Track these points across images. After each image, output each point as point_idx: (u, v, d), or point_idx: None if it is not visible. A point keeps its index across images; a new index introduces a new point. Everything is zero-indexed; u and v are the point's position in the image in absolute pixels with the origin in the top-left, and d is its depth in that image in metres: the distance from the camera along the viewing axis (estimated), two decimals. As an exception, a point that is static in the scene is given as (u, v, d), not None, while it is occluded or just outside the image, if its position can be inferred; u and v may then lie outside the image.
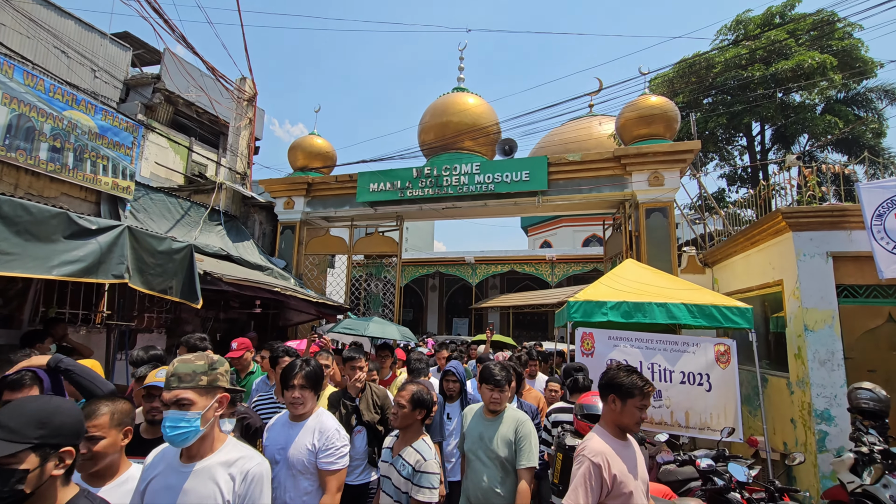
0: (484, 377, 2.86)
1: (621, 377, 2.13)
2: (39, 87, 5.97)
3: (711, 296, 5.31)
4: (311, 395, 2.45)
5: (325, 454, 2.35)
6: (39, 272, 3.63)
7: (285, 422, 2.51)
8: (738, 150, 15.93)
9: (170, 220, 7.70)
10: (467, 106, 9.88)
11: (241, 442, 1.86)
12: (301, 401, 2.42)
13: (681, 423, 4.83)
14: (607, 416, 2.19)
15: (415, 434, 2.53)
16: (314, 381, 2.47)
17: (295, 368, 2.46)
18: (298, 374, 2.44)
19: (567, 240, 23.18)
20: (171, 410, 1.61)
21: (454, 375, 3.72)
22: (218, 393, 1.72)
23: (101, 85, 10.71)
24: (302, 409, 2.43)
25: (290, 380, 2.42)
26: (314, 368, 2.49)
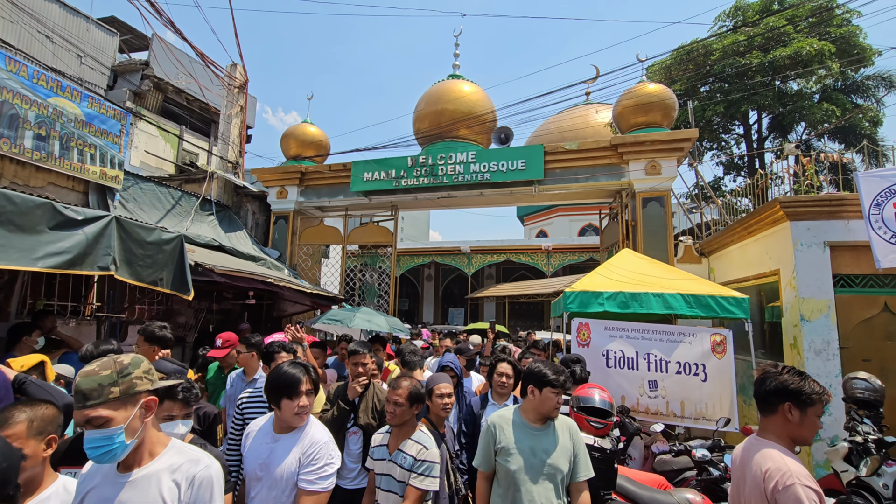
0: (545, 380, 2.32)
1: (799, 383, 1.81)
2: (23, 74, 5.80)
3: (708, 286, 5.28)
4: (312, 401, 2.21)
5: (307, 470, 2.06)
6: (23, 264, 3.54)
7: (268, 432, 2.19)
8: (734, 138, 15.87)
9: (160, 210, 7.57)
10: (463, 93, 9.74)
11: (187, 445, 1.68)
12: (308, 409, 2.16)
13: (676, 413, 4.84)
14: (781, 429, 1.83)
15: (409, 427, 2.50)
16: (316, 385, 2.26)
17: (297, 373, 2.18)
18: (306, 379, 2.17)
19: (563, 229, 23.16)
20: (89, 430, 1.41)
21: (452, 371, 3.59)
22: (140, 399, 1.50)
23: (88, 71, 10.47)
24: (305, 418, 2.18)
25: (295, 386, 2.12)
26: (315, 373, 2.29)
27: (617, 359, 5.00)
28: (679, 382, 4.86)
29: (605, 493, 2.65)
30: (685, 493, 3.27)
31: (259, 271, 7.01)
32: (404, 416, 2.45)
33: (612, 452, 2.64)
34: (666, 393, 4.87)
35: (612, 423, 2.82)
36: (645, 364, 4.93)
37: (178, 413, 2.09)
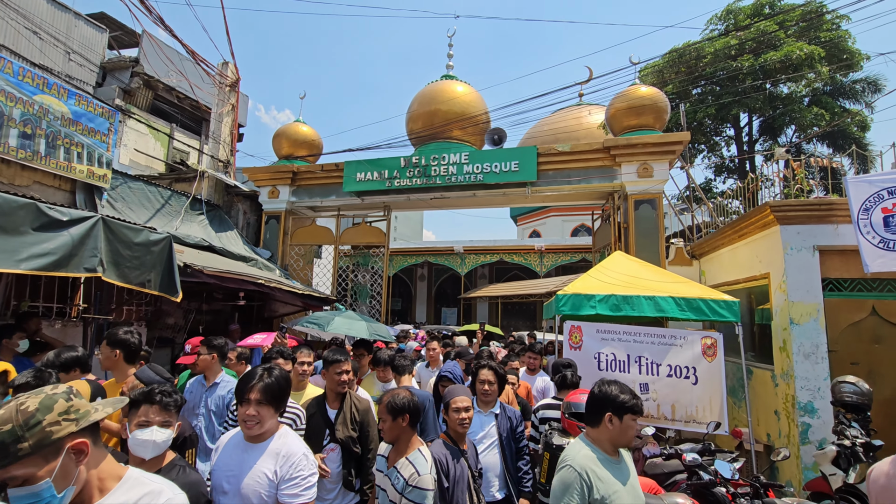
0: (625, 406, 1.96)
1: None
2: (7, 70, 5.69)
3: (699, 289, 5.31)
4: (270, 412, 2.02)
5: (289, 485, 1.95)
6: (6, 266, 3.47)
7: (238, 443, 2.06)
8: (725, 140, 16.00)
9: (149, 210, 7.48)
10: (456, 94, 9.72)
11: (148, 476, 1.47)
12: (257, 419, 1.97)
13: (667, 416, 4.85)
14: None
15: (406, 443, 2.32)
16: (276, 394, 2.04)
17: (252, 378, 2.04)
18: (256, 385, 2.00)
19: (556, 229, 23.21)
20: (10, 489, 1.19)
21: (451, 381, 3.44)
22: (64, 445, 1.23)
23: (76, 68, 10.32)
24: (258, 430, 1.99)
25: (244, 392, 1.99)
26: (277, 379, 2.06)
27: (608, 362, 5.00)
28: (670, 385, 4.87)
29: (595, 500, 2.64)
30: (676, 497, 3.27)
31: (250, 272, 6.94)
32: (393, 431, 2.30)
33: (604, 459, 2.62)
34: (657, 396, 4.88)
35: (604, 429, 2.81)
36: (636, 367, 4.94)
37: (155, 419, 1.92)
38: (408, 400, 2.33)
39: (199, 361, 3.62)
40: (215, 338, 3.67)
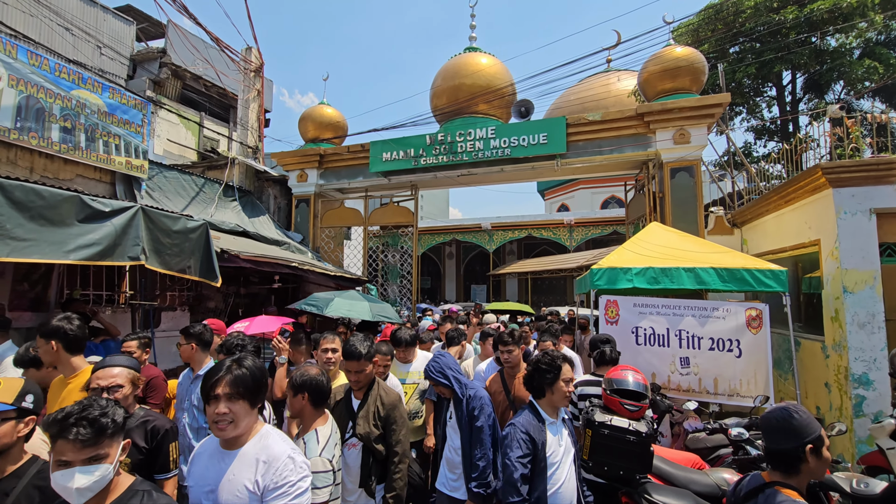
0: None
1: None
2: (45, 67, 5.86)
3: (742, 258, 5.08)
4: (246, 408, 1.71)
5: (275, 496, 1.66)
6: (56, 257, 3.63)
7: (215, 451, 1.76)
8: (766, 101, 15.09)
9: (185, 198, 7.68)
10: (480, 67, 9.46)
11: None
12: (229, 418, 1.66)
13: (709, 390, 4.73)
14: None
15: (309, 421, 2.27)
16: (250, 387, 1.72)
17: (219, 371, 1.73)
18: (224, 378, 1.69)
19: (585, 202, 22.72)
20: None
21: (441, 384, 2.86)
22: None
23: (107, 62, 10.56)
24: (232, 432, 1.67)
25: (211, 388, 1.69)
26: (249, 370, 1.75)
27: (647, 336, 4.89)
28: (712, 359, 4.73)
29: (640, 476, 2.61)
30: (722, 472, 3.20)
31: (283, 255, 7.08)
32: (294, 406, 2.26)
33: (648, 436, 2.58)
34: (698, 370, 4.75)
35: (647, 406, 2.76)
36: (676, 340, 4.81)
37: (76, 457, 1.40)
38: (308, 378, 2.24)
39: (181, 352, 3.39)
40: (193, 325, 3.41)
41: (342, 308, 5.42)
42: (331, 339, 3.33)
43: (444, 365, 2.86)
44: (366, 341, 2.65)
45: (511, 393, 3.31)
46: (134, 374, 2.30)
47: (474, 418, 2.72)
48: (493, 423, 2.77)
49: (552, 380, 2.34)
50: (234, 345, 3.26)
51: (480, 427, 2.69)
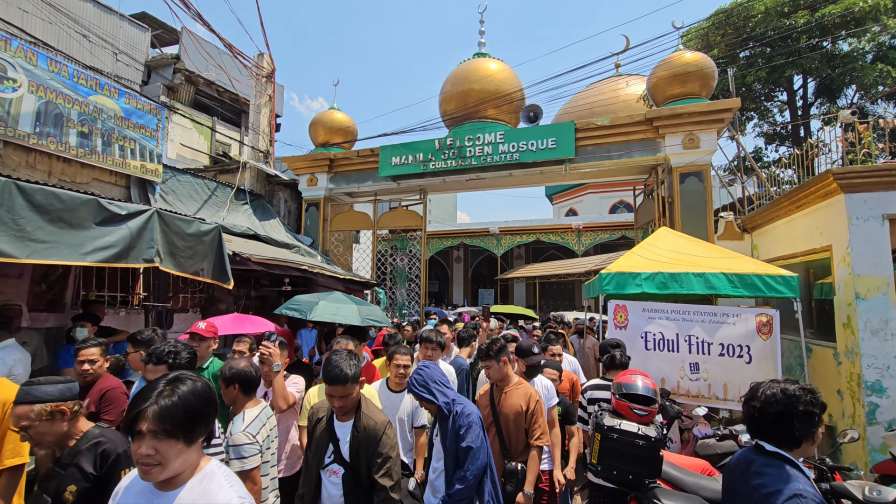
0: None
1: None
2: (63, 74, 6.00)
3: (753, 264, 5.06)
4: (177, 448, 1.34)
5: None
6: (73, 259, 3.71)
7: (144, 489, 1.41)
8: (777, 106, 14.99)
9: (198, 202, 7.79)
10: (489, 72, 9.52)
11: None
12: (156, 460, 1.30)
13: (719, 396, 4.70)
14: None
15: (240, 406, 2.55)
16: (182, 423, 1.35)
17: (144, 400, 1.34)
18: (147, 411, 1.31)
19: (594, 207, 22.65)
20: None
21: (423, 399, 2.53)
22: None
23: (123, 68, 10.76)
24: (160, 475, 1.32)
25: (132, 423, 1.32)
26: (183, 399, 1.37)
27: (656, 341, 4.87)
28: (722, 364, 4.71)
29: (650, 481, 2.61)
30: (732, 478, 3.18)
31: (293, 258, 7.16)
32: (228, 397, 2.53)
33: (657, 440, 2.58)
34: (708, 375, 4.73)
35: (656, 410, 2.76)
36: (686, 346, 4.79)
37: None
38: (237, 370, 2.51)
39: (130, 361, 3.16)
40: (142, 330, 3.22)
41: (328, 312, 4.93)
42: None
43: (427, 377, 2.49)
44: (351, 360, 2.30)
45: (497, 408, 3.05)
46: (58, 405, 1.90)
47: (460, 438, 2.40)
48: (483, 446, 2.43)
49: (817, 423, 1.67)
50: (164, 352, 2.63)
51: (467, 448, 2.38)
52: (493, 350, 3.05)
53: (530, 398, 3.00)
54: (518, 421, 2.96)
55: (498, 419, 3.01)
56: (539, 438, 2.92)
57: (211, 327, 3.63)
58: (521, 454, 2.97)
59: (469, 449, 2.38)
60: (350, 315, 4.94)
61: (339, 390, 2.25)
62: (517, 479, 2.87)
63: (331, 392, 2.27)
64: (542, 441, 2.93)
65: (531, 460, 2.90)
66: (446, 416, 2.47)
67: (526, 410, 2.95)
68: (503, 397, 3.06)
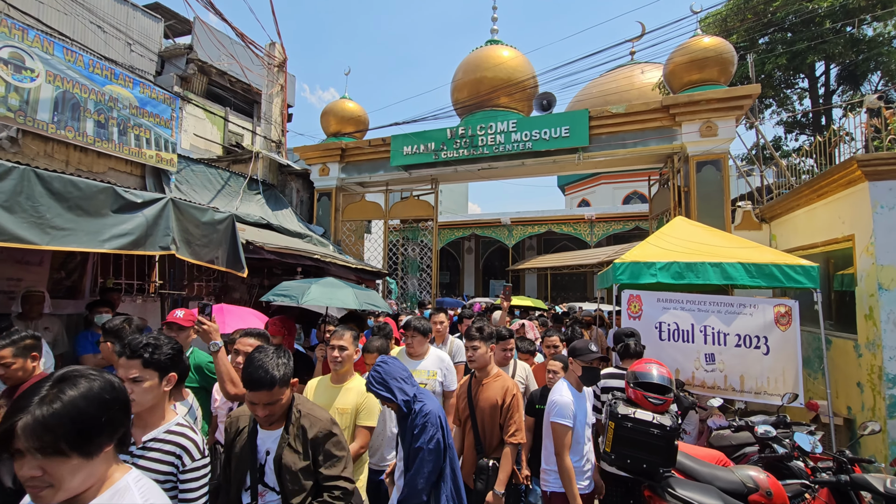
0: None
1: None
2: (79, 63, 6.05)
3: (771, 254, 4.95)
4: (72, 465, 1.11)
5: None
6: (92, 246, 3.76)
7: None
8: (797, 93, 14.59)
9: (211, 191, 7.86)
10: (502, 60, 9.39)
11: None
12: (46, 482, 1.08)
13: (735, 388, 4.64)
14: None
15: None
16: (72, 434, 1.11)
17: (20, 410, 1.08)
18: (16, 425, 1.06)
19: (607, 197, 22.41)
20: None
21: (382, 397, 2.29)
22: None
23: (137, 58, 10.84)
24: (53, 497, 1.10)
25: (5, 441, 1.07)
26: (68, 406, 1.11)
27: (671, 331, 4.81)
28: (738, 356, 4.64)
29: (664, 470, 2.58)
30: (748, 469, 3.14)
31: (306, 248, 7.20)
32: None
33: (672, 429, 2.55)
34: (724, 366, 4.67)
35: (672, 399, 2.73)
36: (701, 336, 4.73)
37: None
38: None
39: (102, 351, 2.96)
40: (112, 319, 3.06)
41: (321, 297, 4.50)
42: (339, 334, 2.79)
43: (385, 373, 2.25)
44: (280, 358, 1.91)
45: (474, 400, 2.88)
46: None
47: (413, 439, 2.21)
48: (437, 449, 2.21)
49: None
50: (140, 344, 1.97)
51: (418, 450, 2.18)
52: (485, 332, 2.89)
53: (507, 391, 2.82)
54: (493, 415, 2.80)
55: (474, 412, 2.86)
56: (514, 435, 2.74)
57: (190, 315, 3.27)
58: (496, 450, 2.80)
59: (419, 451, 2.17)
60: (346, 299, 4.54)
61: (264, 396, 1.83)
62: (487, 476, 2.71)
63: (253, 399, 1.84)
64: (517, 438, 2.75)
65: (504, 458, 2.72)
66: (406, 415, 2.26)
67: (502, 404, 2.78)
68: (481, 389, 2.89)
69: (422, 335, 3.40)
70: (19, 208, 3.36)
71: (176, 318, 3.28)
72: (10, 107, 5.33)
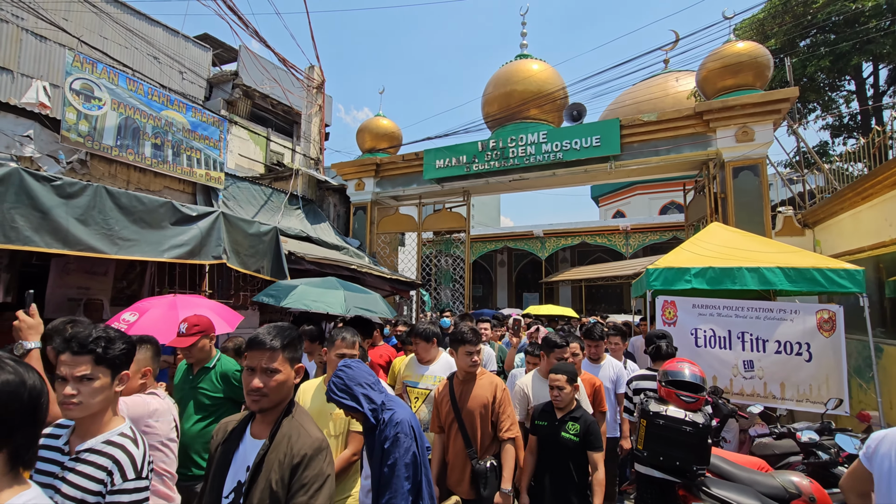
0: None
1: None
2: (139, 91, 6.62)
3: (813, 258, 4.82)
4: None
5: None
6: (154, 255, 4.12)
7: None
8: (843, 96, 14.02)
9: (255, 207, 8.32)
10: (531, 73, 9.56)
11: None
12: None
13: (775, 395, 4.51)
14: None
15: None
16: None
17: None
18: None
19: (642, 208, 21.98)
20: None
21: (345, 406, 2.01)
22: None
23: (188, 85, 11.65)
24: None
25: None
26: None
27: (707, 338, 4.74)
28: (779, 363, 4.51)
29: (698, 468, 2.59)
30: (790, 475, 3.08)
31: (343, 259, 7.49)
32: None
33: (705, 427, 2.56)
34: (763, 373, 4.55)
35: (704, 398, 2.73)
36: (739, 343, 4.63)
37: None
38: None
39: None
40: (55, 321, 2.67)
41: (306, 297, 3.98)
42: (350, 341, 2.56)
43: (349, 379, 1.99)
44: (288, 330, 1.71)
45: (458, 402, 2.76)
46: None
47: (385, 454, 1.93)
48: (414, 462, 1.96)
49: None
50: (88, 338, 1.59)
51: (392, 465, 1.91)
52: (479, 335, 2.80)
53: (496, 387, 2.77)
54: (484, 414, 2.71)
55: (460, 414, 2.73)
56: (510, 430, 2.69)
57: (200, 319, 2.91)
58: (489, 449, 2.72)
59: (395, 466, 1.90)
60: (334, 302, 3.95)
61: (263, 357, 1.59)
62: (486, 478, 2.59)
63: (251, 362, 1.60)
64: (514, 432, 2.70)
65: (506, 454, 2.65)
66: (373, 427, 2.00)
67: (493, 401, 2.72)
68: (465, 389, 2.79)
69: (424, 340, 3.28)
70: (93, 221, 3.75)
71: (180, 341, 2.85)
72: (81, 133, 5.90)
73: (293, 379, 1.67)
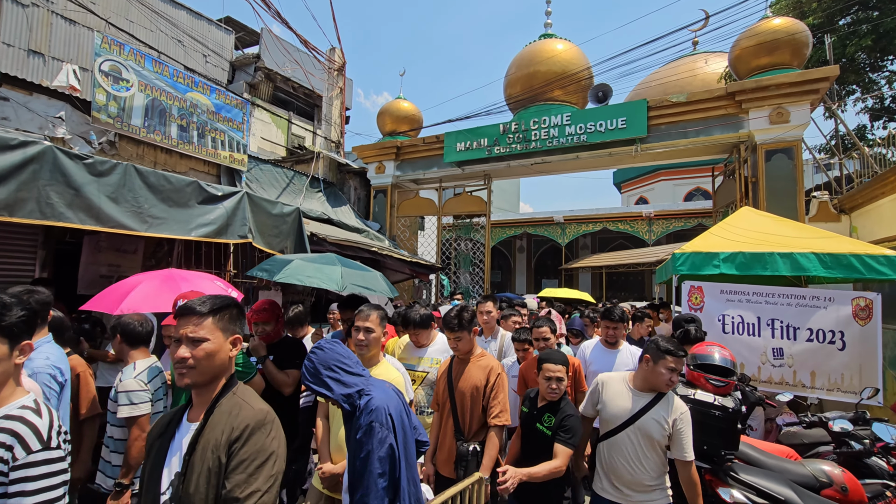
0: None
1: None
2: (165, 73, 6.69)
3: (849, 243, 4.63)
4: None
5: None
6: (182, 233, 4.19)
7: None
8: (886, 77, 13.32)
9: (277, 189, 8.39)
10: (555, 52, 9.33)
11: None
12: None
13: (805, 384, 4.39)
14: None
15: (126, 356, 2.62)
16: None
17: None
18: None
19: (666, 194, 21.48)
20: None
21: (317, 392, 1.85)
22: None
23: (212, 68, 11.74)
24: None
25: None
26: None
27: (735, 325, 4.62)
28: (810, 351, 4.38)
29: (726, 453, 2.54)
30: (820, 464, 3.00)
31: (364, 241, 7.53)
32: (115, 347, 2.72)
33: (735, 411, 2.50)
34: (793, 362, 4.42)
35: (734, 382, 2.66)
36: (768, 330, 4.51)
37: None
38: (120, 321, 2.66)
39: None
40: None
41: (301, 273, 3.77)
42: (365, 315, 2.52)
43: (319, 363, 1.81)
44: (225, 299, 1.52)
45: (454, 383, 2.76)
46: None
47: (357, 445, 1.76)
48: (391, 456, 1.76)
49: None
50: None
51: (365, 459, 1.73)
52: (465, 320, 2.72)
53: (491, 371, 2.70)
54: (475, 396, 2.67)
55: (453, 394, 2.72)
56: (498, 416, 2.60)
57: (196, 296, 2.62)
58: (477, 434, 2.66)
59: (367, 460, 1.72)
60: (329, 279, 3.72)
61: (189, 323, 1.41)
62: (467, 462, 2.54)
63: (178, 330, 1.42)
64: (502, 419, 2.61)
65: (490, 441, 2.58)
66: (350, 413, 1.83)
67: (486, 385, 2.66)
68: (462, 370, 2.76)
69: (423, 328, 3.24)
70: (123, 199, 3.82)
71: None
72: (110, 114, 6.01)
73: (229, 351, 1.46)
